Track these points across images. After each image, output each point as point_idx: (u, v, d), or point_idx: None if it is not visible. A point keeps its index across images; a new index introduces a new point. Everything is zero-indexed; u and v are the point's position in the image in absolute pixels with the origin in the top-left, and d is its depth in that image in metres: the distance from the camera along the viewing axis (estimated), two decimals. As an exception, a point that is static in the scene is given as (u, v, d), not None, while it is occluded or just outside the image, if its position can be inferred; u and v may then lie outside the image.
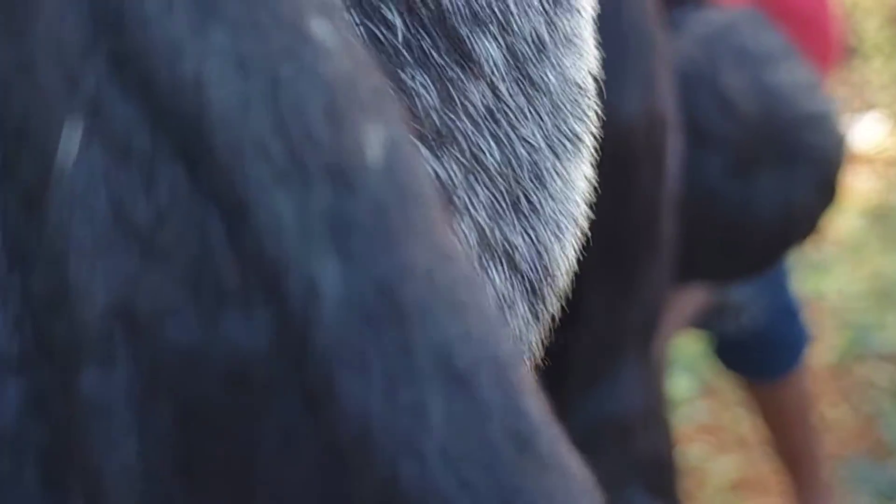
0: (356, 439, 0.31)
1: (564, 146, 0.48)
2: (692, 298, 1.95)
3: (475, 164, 0.44)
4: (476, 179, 0.44)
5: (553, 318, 0.49)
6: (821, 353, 2.65)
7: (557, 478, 0.32)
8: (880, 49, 3.48)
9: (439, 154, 0.43)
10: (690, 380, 2.70)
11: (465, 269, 0.34)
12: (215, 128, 0.31)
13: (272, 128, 0.31)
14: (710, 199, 1.73)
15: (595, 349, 1.49)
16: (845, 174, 1.85)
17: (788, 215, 1.79)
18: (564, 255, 0.48)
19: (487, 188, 0.44)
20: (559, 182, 0.47)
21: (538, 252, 0.46)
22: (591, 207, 0.51)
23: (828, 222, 1.89)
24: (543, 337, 0.48)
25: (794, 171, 1.77)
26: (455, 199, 0.43)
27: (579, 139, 0.49)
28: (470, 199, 0.44)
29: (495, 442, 0.32)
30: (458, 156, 0.44)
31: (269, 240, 0.31)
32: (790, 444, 2.28)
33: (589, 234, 0.49)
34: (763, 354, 2.20)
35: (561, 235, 0.48)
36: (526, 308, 0.46)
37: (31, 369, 0.31)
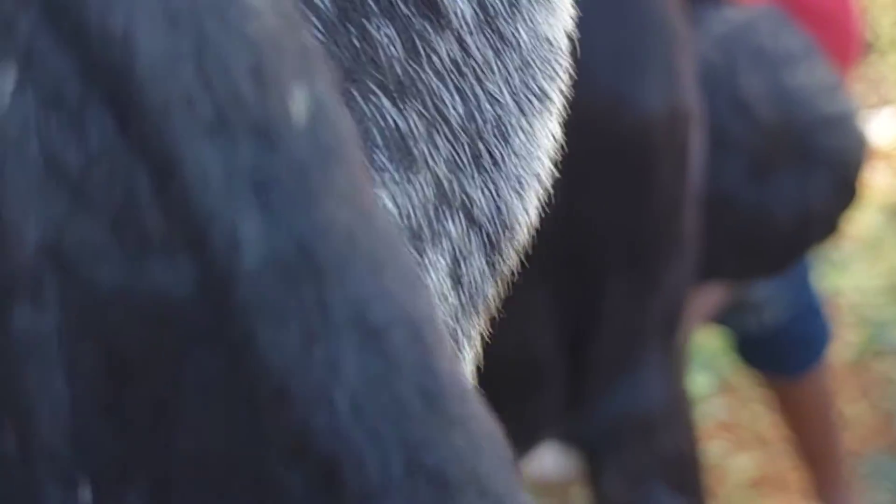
0: (273, 391, 0.32)
1: (531, 103, 0.48)
2: (711, 295, 1.95)
3: (437, 117, 0.44)
4: (437, 132, 0.45)
5: (512, 272, 0.49)
6: (839, 349, 2.64)
7: (465, 433, 0.33)
8: (896, 44, 3.46)
9: (401, 105, 0.43)
10: (709, 377, 2.69)
11: (385, 228, 0.34)
12: (144, 81, 0.32)
13: (199, 84, 0.32)
14: (728, 202, 1.73)
15: (617, 343, 1.49)
16: (865, 174, 1.85)
17: (806, 217, 1.78)
18: (525, 211, 0.48)
19: (449, 141, 0.45)
20: (523, 138, 0.48)
21: (497, 206, 0.47)
22: (610, 200, 0.51)
23: (847, 222, 1.89)
24: (501, 289, 0.49)
25: (811, 174, 1.77)
26: (415, 150, 0.44)
27: (547, 97, 0.49)
28: (430, 151, 0.44)
29: (404, 397, 0.33)
30: (420, 108, 0.44)
31: (195, 192, 0.32)
32: (810, 440, 2.28)
33: (610, 228, 0.49)
34: (784, 351, 2.20)
35: (522, 192, 0.48)
36: (483, 260, 0.47)
37: None
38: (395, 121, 0.43)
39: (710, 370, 2.68)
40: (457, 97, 0.45)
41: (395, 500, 0.32)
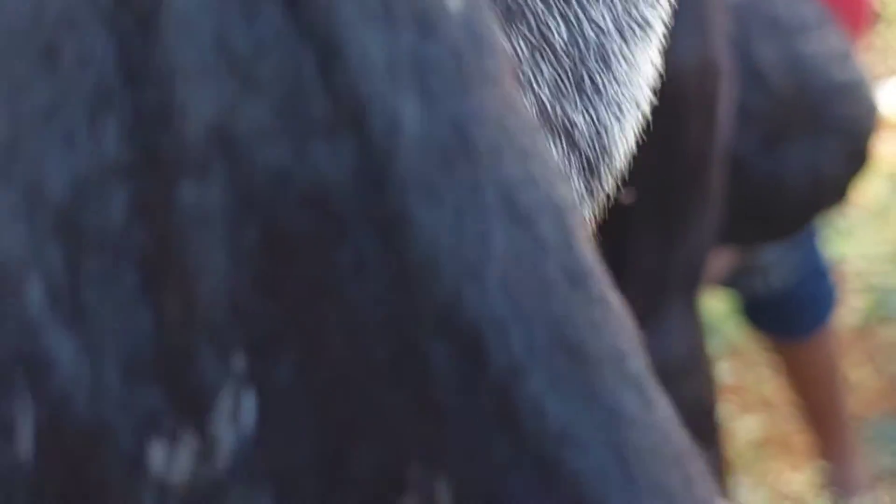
0: (424, 264, 0.34)
1: (633, 31, 0.49)
2: (719, 259, 1.97)
3: (542, 42, 0.46)
4: (542, 56, 0.46)
5: (608, 197, 0.51)
6: (845, 315, 2.66)
7: (604, 312, 0.35)
8: (903, 14, 3.47)
9: (508, 29, 0.45)
10: (714, 340, 2.71)
11: (529, 118, 0.36)
12: None
13: None
14: (741, 169, 1.74)
15: (640, 294, 1.50)
16: (875, 142, 1.87)
17: (817, 184, 1.81)
18: (624, 137, 0.50)
19: (552, 66, 0.47)
20: (625, 66, 0.49)
21: (597, 131, 0.49)
22: (641, 152, 0.53)
23: (857, 190, 1.91)
24: (597, 213, 0.51)
25: (824, 142, 1.79)
26: (519, 73, 0.46)
27: (649, 25, 0.50)
28: (534, 74, 0.46)
29: (550, 275, 0.35)
30: (526, 32, 0.46)
31: (358, 76, 0.34)
32: (816, 404, 2.30)
33: (639, 179, 0.51)
34: (791, 313, 2.22)
35: (622, 117, 0.50)
36: (581, 184, 0.49)
37: (139, 178, 0.33)
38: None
39: (716, 333, 2.70)
40: (561, 23, 0.47)
41: (537, 372, 0.34)
